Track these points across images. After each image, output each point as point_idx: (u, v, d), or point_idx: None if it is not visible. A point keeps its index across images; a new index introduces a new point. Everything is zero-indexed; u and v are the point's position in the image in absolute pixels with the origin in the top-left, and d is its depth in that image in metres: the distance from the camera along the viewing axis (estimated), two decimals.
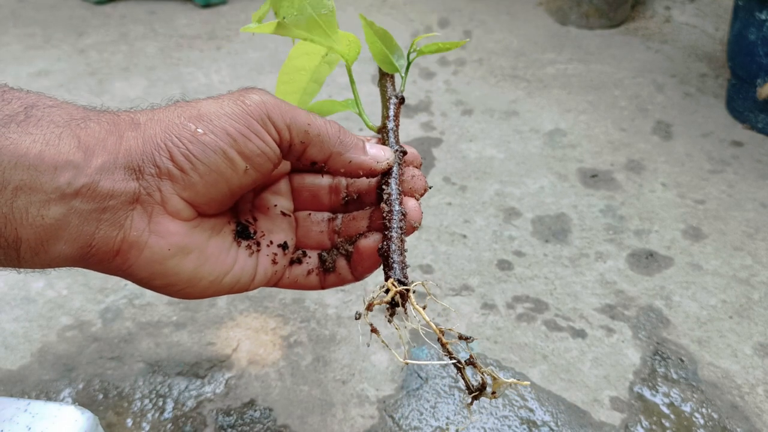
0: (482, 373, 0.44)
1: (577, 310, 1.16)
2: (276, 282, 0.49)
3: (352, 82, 0.54)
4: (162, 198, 0.39)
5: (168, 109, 0.41)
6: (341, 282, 0.50)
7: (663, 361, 1.06)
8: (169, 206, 0.39)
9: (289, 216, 0.51)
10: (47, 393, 0.98)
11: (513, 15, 2.47)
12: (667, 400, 1.00)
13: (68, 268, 0.39)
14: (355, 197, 0.52)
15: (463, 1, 2.59)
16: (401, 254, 0.45)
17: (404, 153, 0.50)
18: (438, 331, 0.44)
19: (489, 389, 0.44)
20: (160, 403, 0.98)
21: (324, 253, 0.50)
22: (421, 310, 0.44)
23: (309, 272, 0.50)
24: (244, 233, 0.47)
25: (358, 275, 0.50)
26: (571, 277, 1.23)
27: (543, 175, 1.54)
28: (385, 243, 0.45)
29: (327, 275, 0.50)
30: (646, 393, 1.01)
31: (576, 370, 1.04)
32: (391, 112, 0.53)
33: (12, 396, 0.98)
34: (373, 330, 0.45)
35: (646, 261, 1.27)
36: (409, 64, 0.55)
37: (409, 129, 1.70)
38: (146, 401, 0.98)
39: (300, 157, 0.45)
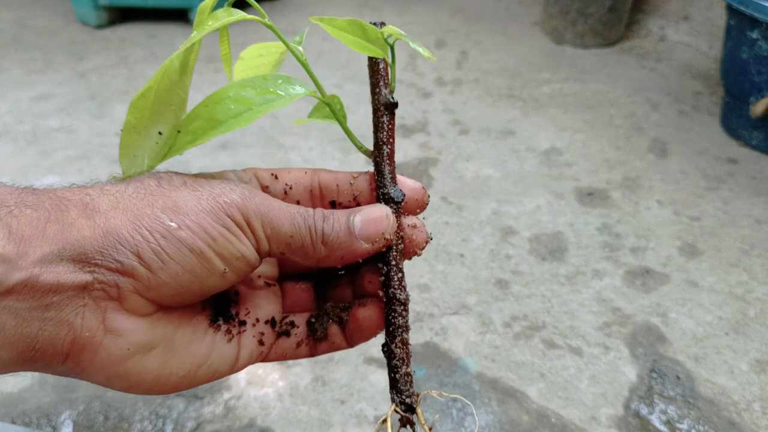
0: None
1: (574, 328, 1.16)
2: (262, 360, 0.44)
3: (340, 118, 0.45)
4: (119, 295, 0.34)
5: (136, 195, 0.35)
6: (334, 349, 0.45)
7: (660, 378, 1.07)
8: (126, 304, 0.34)
9: (274, 285, 0.45)
10: (48, 415, 0.99)
11: (509, 35, 2.50)
12: (664, 417, 1.00)
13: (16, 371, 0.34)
14: None
15: (459, 22, 2.62)
16: (407, 362, 0.41)
17: (399, 204, 0.42)
18: None
19: None
20: (160, 425, 0.98)
21: (313, 320, 0.45)
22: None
23: (298, 344, 0.44)
24: (224, 315, 0.41)
25: (353, 343, 0.45)
26: (567, 295, 1.24)
27: (539, 193, 1.55)
28: (387, 347, 0.41)
29: (318, 344, 0.45)
30: (643, 410, 1.01)
31: (573, 388, 1.05)
32: (384, 134, 0.44)
33: (13, 418, 0.98)
34: None
35: (643, 278, 1.28)
36: (392, 49, 0.46)
37: (406, 149, 1.72)
38: (146, 423, 0.99)
39: (281, 259, 0.41)
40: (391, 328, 0.41)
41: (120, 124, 1.83)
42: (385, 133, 0.44)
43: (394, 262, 0.41)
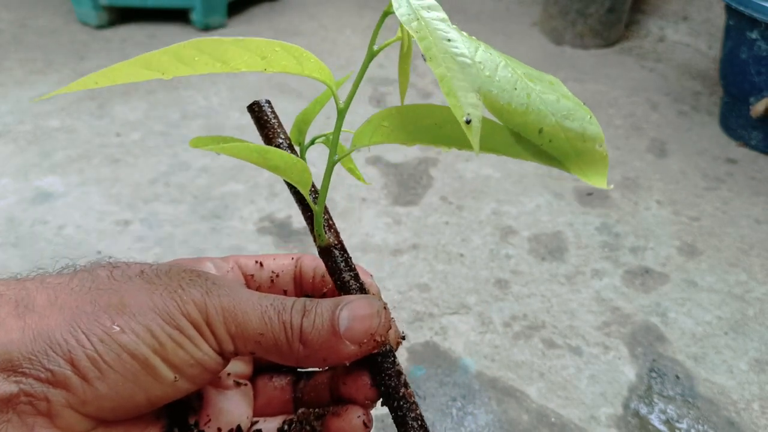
0: None
1: (573, 328, 1.17)
2: None
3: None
4: (49, 409, 0.28)
5: (80, 289, 0.31)
6: None
7: (659, 378, 1.07)
8: (58, 420, 0.29)
9: (246, 384, 0.39)
10: None
11: (508, 36, 2.51)
12: (663, 417, 1.01)
13: None
14: None
15: (459, 21, 2.62)
16: None
17: None
18: None
19: None
20: None
21: (285, 429, 0.39)
22: None
23: None
24: (181, 425, 0.35)
25: None
26: (567, 294, 1.24)
27: (539, 193, 1.56)
28: None
29: None
30: (643, 410, 1.02)
31: (573, 388, 1.05)
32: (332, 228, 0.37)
33: None
34: None
35: (642, 278, 1.29)
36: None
37: (406, 149, 1.72)
38: None
39: (254, 359, 0.37)
40: None
41: (120, 124, 1.83)
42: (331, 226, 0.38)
43: (386, 367, 0.36)
